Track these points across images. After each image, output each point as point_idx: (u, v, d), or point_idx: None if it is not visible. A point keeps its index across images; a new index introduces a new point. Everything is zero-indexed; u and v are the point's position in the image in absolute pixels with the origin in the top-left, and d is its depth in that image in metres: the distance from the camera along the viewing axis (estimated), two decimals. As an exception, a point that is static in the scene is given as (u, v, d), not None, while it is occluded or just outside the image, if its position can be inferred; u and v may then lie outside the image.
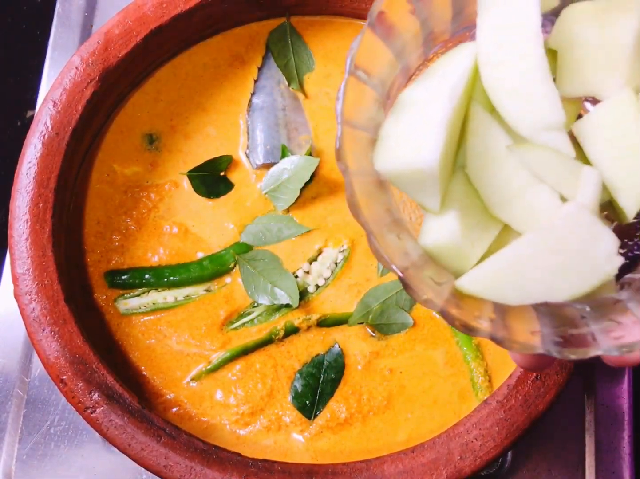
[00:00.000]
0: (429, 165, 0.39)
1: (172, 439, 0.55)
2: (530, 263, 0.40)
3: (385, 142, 0.42)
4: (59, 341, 0.55)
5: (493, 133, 0.42)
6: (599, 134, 0.42)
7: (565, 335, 0.40)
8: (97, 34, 0.60)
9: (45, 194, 0.57)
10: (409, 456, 0.55)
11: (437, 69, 0.43)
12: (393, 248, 0.41)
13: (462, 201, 0.43)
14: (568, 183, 0.41)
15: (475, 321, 0.40)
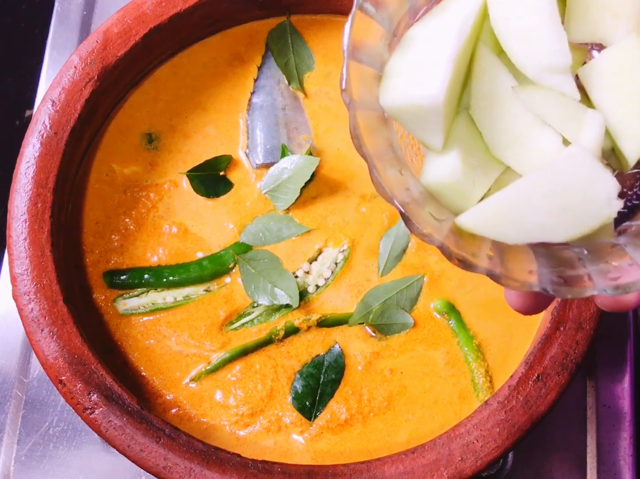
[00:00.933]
0: (434, 100, 0.40)
1: (171, 440, 0.55)
2: (529, 203, 0.40)
3: (391, 78, 0.42)
4: (58, 341, 0.55)
5: (499, 75, 0.42)
6: (603, 79, 0.42)
7: (562, 275, 0.41)
8: (95, 33, 0.60)
9: (44, 194, 0.57)
10: (409, 457, 0.55)
11: (445, 7, 0.43)
12: (394, 182, 0.41)
13: (465, 141, 0.43)
14: (571, 126, 0.42)
15: (474, 257, 0.40)
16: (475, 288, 0.62)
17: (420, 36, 0.42)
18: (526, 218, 0.40)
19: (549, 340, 0.56)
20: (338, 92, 0.66)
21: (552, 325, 0.57)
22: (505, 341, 0.61)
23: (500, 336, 0.61)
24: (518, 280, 0.40)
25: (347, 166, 0.64)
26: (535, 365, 0.56)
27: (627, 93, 0.41)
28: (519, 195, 0.40)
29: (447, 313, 0.61)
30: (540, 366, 0.56)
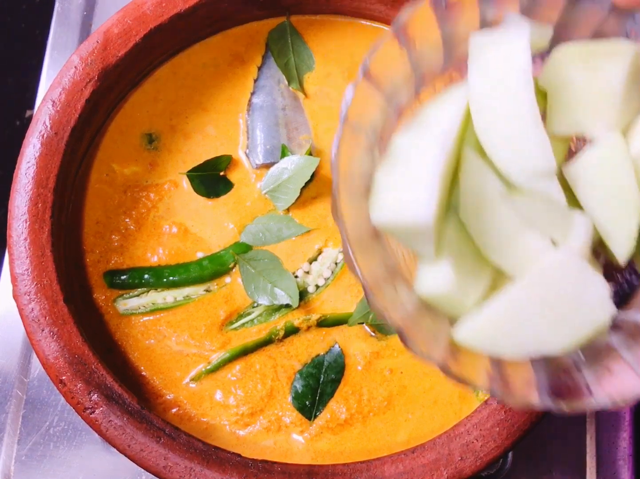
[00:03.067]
0: (424, 220, 0.40)
1: (171, 440, 0.55)
2: (523, 314, 0.40)
3: (380, 194, 0.42)
4: (58, 341, 0.55)
5: (485, 178, 0.42)
6: (589, 178, 0.42)
7: (560, 385, 0.40)
8: (96, 33, 0.60)
9: (44, 194, 0.57)
10: (409, 457, 0.55)
11: (428, 115, 0.43)
12: (389, 300, 0.42)
13: (456, 246, 0.43)
14: (559, 228, 0.42)
15: (474, 376, 0.40)
16: (475, 288, 0.62)
17: (405, 148, 0.42)
18: (522, 331, 0.40)
19: (548, 339, 0.56)
20: (338, 92, 0.66)
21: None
22: (504, 341, 0.61)
23: (500, 336, 0.61)
24: (519, 398, 0.40)
25: (347, 166, 0.64)
26: (534, 365, 0.56)
27: (613, 193, 0.41)
28: (511, 307, 0.40)
29: (447, 313, 0.61)
30: (539, 366, 0.56)
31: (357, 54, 0.66)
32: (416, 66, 0.45)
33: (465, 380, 0.40)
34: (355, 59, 0.66)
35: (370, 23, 0.67)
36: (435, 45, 0.45)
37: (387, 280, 0.43)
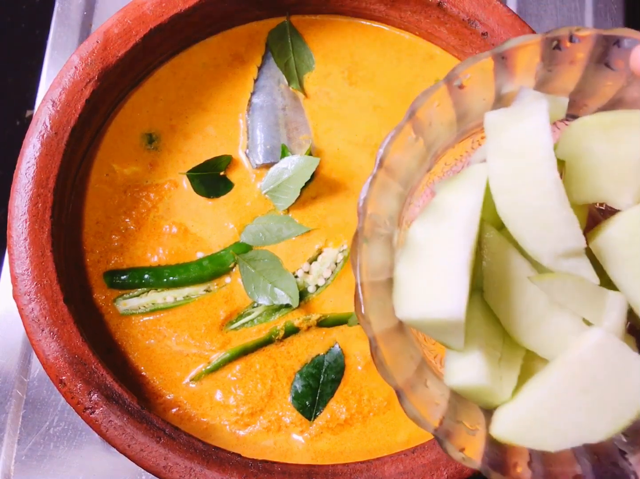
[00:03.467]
0: (455, 316, 0.39)
1: (171, 440, 0.55)
2: (561, 401, 0.39)
3: (403, 288, 0.41)
4: (58, 341, 0.55)
5: (510, 259, 0.41)
6: (618, 251, 0.41)
7: (608, 476, 0.39)
8: (96, 33, 0.60)
9: (44, 194, 0.57)
10: (409, 457, 0.55)
11: (445, 202, 0.41)
12: (424, 402, 0.41)
13: (483, 332, 0.42)
14: (591, 308, 0.40)
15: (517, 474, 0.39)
16: (475, 288, 0.62)
17: (425, 238, 0.41)
18: (563, 421, 0.39)
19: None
20: (338, 92, 0.66)
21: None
22: (505, 341, 0.61)
23: (500, 336, 0.61)
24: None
25: (347, 166, 0.64)
26: (535, 365, 0.56)
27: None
28: (550, 397, 0.39)
29: (447, 313, 0.61)
30: (539, 366, 0.56)
31: (357, 54, 0.66)
32: (430, 147, 0.44)
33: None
34: (355, 58, 0.66)
35: (370, 23, 0.67)
36: (450, 124, 0.44)
37: (418, 377, 0.42)
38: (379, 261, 0.42)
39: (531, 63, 0.43)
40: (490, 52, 0.41)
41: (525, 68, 0.43)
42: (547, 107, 0.40)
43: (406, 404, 0.40)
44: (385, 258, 0.43)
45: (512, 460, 0.40)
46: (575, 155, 0.42)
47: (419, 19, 0.64)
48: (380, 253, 0.42)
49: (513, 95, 0.44)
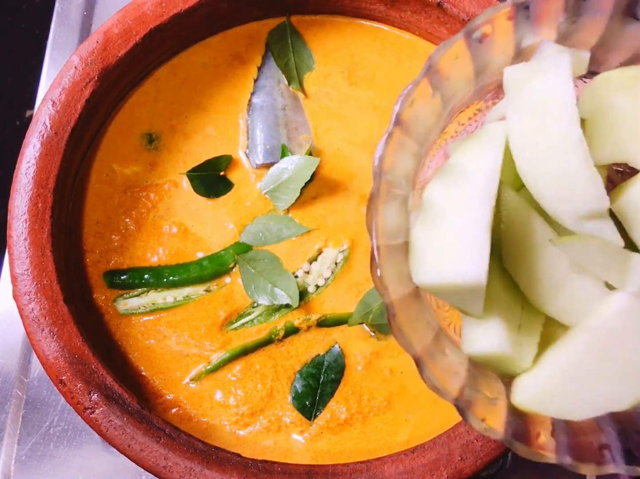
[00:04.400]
0: (476, 280, 0.37)
1: (171, 440, 0.55)
2: (587, 370, 0.37)
3: (420, 253, 0.39)
4: (58, 341, 0.55)
5: (530, 222, 0.40)
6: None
7: (631, 446, 0.38)
8: (96, 34, 0.60)
9: (44, 194, 0.57)
10: (409, 457, 0.55)
11: (462, 162, 0.40)
12: (443, 370, 0.39)
13: (503, 298, 0.40)
14: (615, 272, 0.39)
15: (541, 447, 0.38)
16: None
17: (443, 201, 0.39)
18: (587, 389, 0.38)
19: (548, 339, 0.56)
20: (338, 92, 0.66)
21: (551, 325, 0.57)
22: (505, 341, 0.61)
23: (500, 336, 0.61)
24: (593, 466, 0.37)
25: (347, 166, 0.64)
26: (534, 365, 0.56)
27: None
28: (573, 364, 0.38)
29: (447, 313, 0.61)
30: (540, 366, 0.56)
31: (357, 53, 0.66)
32: (447, 103, 0.42)
33: (534, 454, 0.37)
34: (355, 58, 0.66)
35: (370, 23, 0.67)
36: (467, 79, 0.43)
37: (437, 345, 0.41)
38: (395, 224, 0.41)
39: (555, 14, 0.41)
40: (512, 0, 0.39)
41: (547, 19, 0.41)
42: (569, 61, 0.38)
43: (426, 373, 0.38)
44: (401, 221, 0.41)
45: (535, 430, 0.39)
46: (597, 112, 0.40)
47: (419, 19, 0.64)
48: (397, 216, 0.41)
49: (533, 50, 0.42)
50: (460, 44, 0.40)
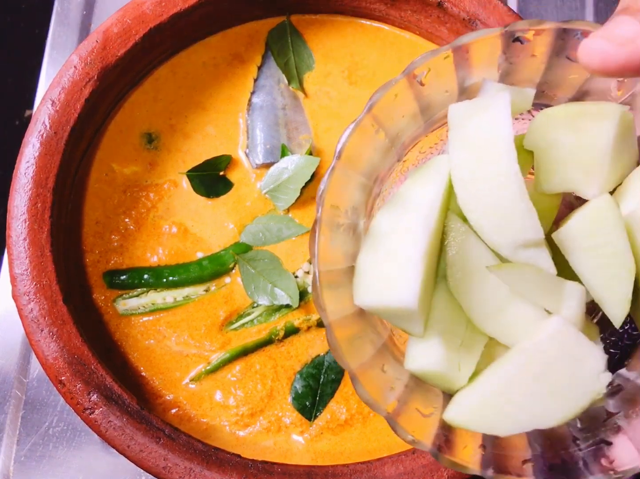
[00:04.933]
0: (408, 305, 0.39)
1: (171, 441, 0.54)
2: (517, 389, 0.40)
3: (363, 277, 0.42)
4: (58, 341, 0.55)
5: (472, 248, 0.42)
6: (579, 242, 0.41)
7: (556, 462, 0.40)
8: (95, 33, 0.60)
9: (43, 194, 0.57)
10: (409, 458, 0.55)
11: (408, 192, 0.42)
12: (378, 386, 0.41)
13: (446, 319, 0.43)
14: (550, 298, 0.41)
15: (466, 460, 0.40)
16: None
17: (387, 228, 0.41)
18: (515, 407, 0.40)
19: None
20: (338, 92, 0.65)
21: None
22: (505, 341, 0.61)
23: (500, 336, 0.61)
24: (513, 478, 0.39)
25: (347, 166, 0.64)
26: (535, 365, 0.56)
27: (606, 256, 0.40)
28: (504, 383, 0.40)
29: (448, 313, 0.61)
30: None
31: (357, 53, 0.66)
32: (394, 139, 0.44)
33: (456, 464, 0.40)
34: (355, 58, 0.66)
35: (370, 22, 0.67)
36: (413, 116, 0.45)
37: (376, 361, 0.43)
38: (340, 250, 0.43)
39: (492, 56, 0.43)
40: (450, 45, 0.41)
41: (486, 61, 0.43)
42: (508, 99, 0.40)
43: (359, 388, 0.40)
44: (348, 247, 0.43)
45: (462, 443, 0.41)
46: (543, 145, 0.42)
47: (419, 19, 0.64)
48: (342, 242, 0.43)
49: (477, 87, 0.44)
50: (402, 84, 0.42)
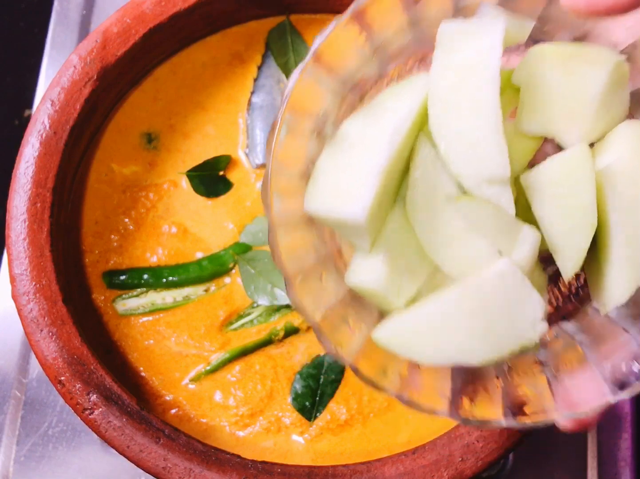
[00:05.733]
0: (357, 219, 0.38)
1: (171, 441, 0.54)
2: (451, 321, 0.39)
3: (318, 181, 0.40)
4: (57, 342, 0.55)
5: (436, 173, 0.40)
6: (546, 189, 0.40)
7: (474, 399, 0.40)
8: (95, 33, 0.60)
9: (43, 194, 0.57)
10: (409, 458, 0.55)
11: (382, 101, 0.40)
12: (312, 294, 0.41)
13: (396, 240, 0.41)
14: (505, 239, 0.40)
15: (385, 380, 0.39)
16: (476, 289, 0.62)
17: (353, 134, 0.40)
18: (446, 339, 0.39)
19: (549, 340, 0.56)
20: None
21: (552, 326, 0.56)
22: (505, 341, 0.61)
23: (500, 336, 0.61)
24: (428, 407, 0.39)
25: (347, 166, 0.64)
26: (535, 366, 0.56)
27: (569, 207, 0.39)
28: (441, 313, 0.39)
29: (448, 314, 0.61)
30: (540, 367, 0.56)
31: (357, 53, 0.66)
32: (379, 49, 0.42)
33: (374, 383, 0.39)
34: (355, 58, 0.66)
35: (371, 22, 0.66)
36: (401, 29, 0.42)
37: (315, 269, 0.42)
38: (300, 152, 0.41)
39: None
40: None
41: None
42: (503, 27, 0.38)
43: (291, 293, 0.40)
44: (309, 150, 0.42)
45: (382, 365, 0.40)
46: (531, 83, 0.41)
47: (420, 18, 0.64)
48: (303, 144, 0.41)
49: (474, 9, 0.41)
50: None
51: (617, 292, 0.39)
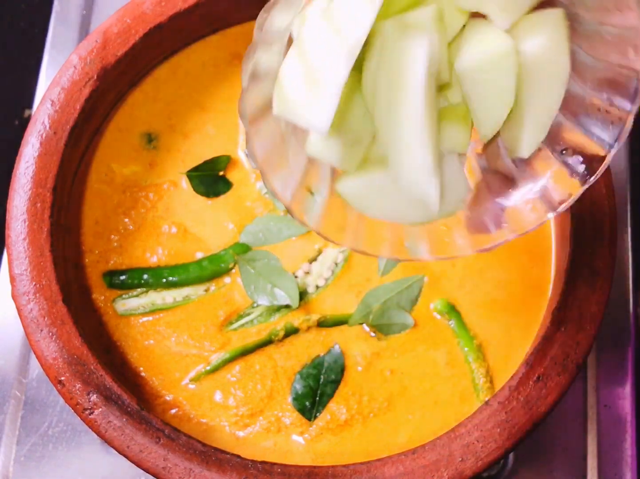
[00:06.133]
0: (320, 131, 0.40)
1: (171, 441, 0.54)
2: (390, 190, 0.44)
3: (282, 88, 0.41)
4: (57, 342, 0.55)
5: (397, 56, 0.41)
6: (475, 75, 0.41)
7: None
8: (95, 33, 0.60)
9: (43, 194, 0.57)
10: (409, 458, 0.55)
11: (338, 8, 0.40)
12: (281, 179, 0.45)
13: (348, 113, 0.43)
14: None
15: (341, 236, 0.46)
16: (476, 288, 0.62)
17: (316, 37, 0.40)
18: (385, 200, 0.44)
19: (549, 340, 0.56)
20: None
21: (553, 326, 0.56)
22: (505, 341, 0.61)
23: (500, 336, 0.61)
24: (373, 252, 0.46)
25: (347, 166, 0.64)
26: (535, 366, 0.56)
27: (492, 90, 0.42)
28: (385, 181, 0.44)
29: (448, 314, 0.61)
30: (540, 367, 0.56)
31: (357, 53, 0.66)
32: None
33: (327, 237, 0.45)
34: (355, 58, 0.66)
35: (371, 22, 0.66)
36: None
37: (280, 150, 0.45)
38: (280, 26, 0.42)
39: None
40: None
41: None
42: None
43: (266, 180, 0.43)
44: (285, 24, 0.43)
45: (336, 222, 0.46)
46: None
47: (420, 18, 0.64)
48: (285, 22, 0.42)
49: None
50: None
51: (525, 148, 0.44)
